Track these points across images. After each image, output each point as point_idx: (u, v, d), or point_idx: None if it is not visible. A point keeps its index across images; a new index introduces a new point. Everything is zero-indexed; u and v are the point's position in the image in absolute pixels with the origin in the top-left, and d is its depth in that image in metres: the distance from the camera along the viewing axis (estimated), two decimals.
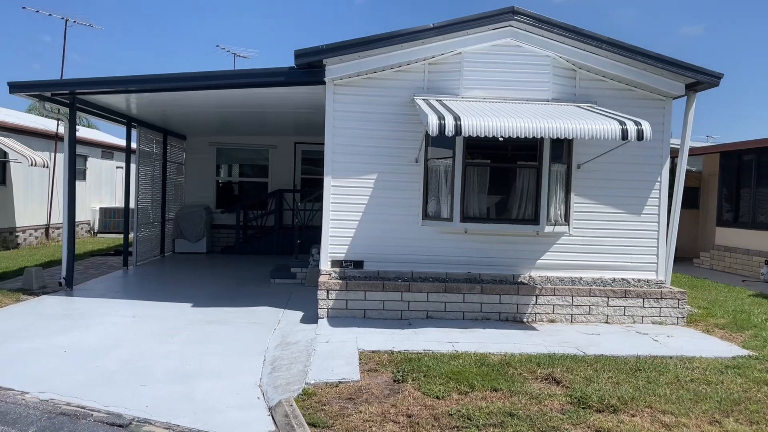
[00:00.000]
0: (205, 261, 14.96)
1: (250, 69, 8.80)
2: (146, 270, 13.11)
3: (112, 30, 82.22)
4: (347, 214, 8.83)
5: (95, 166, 22.09)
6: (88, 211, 21.47)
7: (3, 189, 16.24)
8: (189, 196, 17.64)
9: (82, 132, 22.17)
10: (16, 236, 16.84)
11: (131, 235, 13.77)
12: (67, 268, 10.30)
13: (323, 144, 8.85)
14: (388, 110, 8.82)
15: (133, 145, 14.04)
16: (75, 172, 10.41)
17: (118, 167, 24.30)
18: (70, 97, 10.08)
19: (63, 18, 19.11)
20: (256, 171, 18.18)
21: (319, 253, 10.96)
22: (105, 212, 21.72)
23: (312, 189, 17.61)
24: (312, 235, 16.62)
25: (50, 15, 19.57)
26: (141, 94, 10.34)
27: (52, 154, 18.51)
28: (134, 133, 13.78)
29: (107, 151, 23.12)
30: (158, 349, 6.87)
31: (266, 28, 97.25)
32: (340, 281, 8.24)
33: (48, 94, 9.76)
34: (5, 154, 16.01)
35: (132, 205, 13.76)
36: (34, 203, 17.80)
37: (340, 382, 5.51)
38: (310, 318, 8.44)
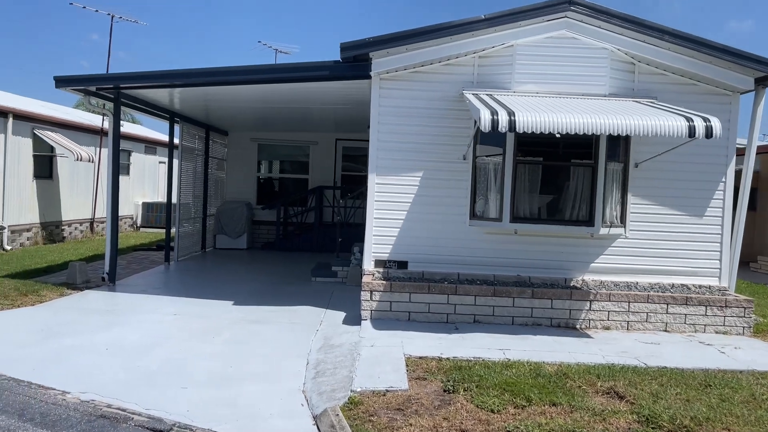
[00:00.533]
0: (246, 257, 14.89)
1: (294, 63, 8.62)
2: (187, 265, 13.07)
3: (156, 27, 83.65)
4: (391, 212, 8.55)
5: (139, 161, 22.31)
6: (131, 205, 21.70)
7: (50, 183, 16.47)
8: (230, 192, 17.62)
9: (126, 127, 22.44)
10: (62, 230, 17.08)
11: (173, 231, 13.74)
12: (110, 264, 10.28)
13: (364, 141, 8.60)
14: (435, 105, 8.51)
15: (176, 141, 14.02)
16: (119, 167, 10.38)
17: (160, 162, 24.53)
18: (114, 91, 10.05)
19: (109, 14, 19.31)
20: (297, 167, 18.06)
21: (361, 252, 10.75)
22: (148, 207, 21.94)
23: (352, 186, 17.45)
24: (353, 232, 16.44)
25: (97, 11, 19.82)
26: (184, 88, 10.26)
27: (98, 149, 18.73)
28: (177, 128, 13.77)
29: (150, 146, 23.35)
30: (200, 349, 6.72)
31: (307, 25, 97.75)
32: (384, 282, 7.97)
33: (93, 88, 9.73)
34: (52, 148, 16.22)
35: (174, 200, 13.74)
36: (80, 197, 18.03)
37: (387, 391, 5.23)
38: (353, 319, 8.21)
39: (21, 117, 14.90)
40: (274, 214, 17.20)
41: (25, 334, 7.13)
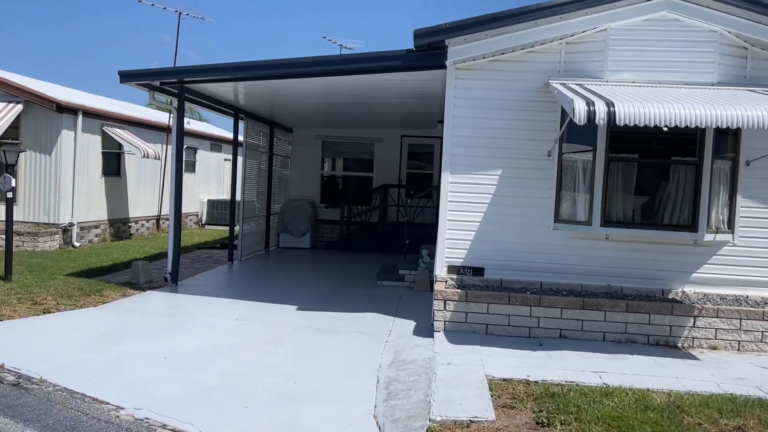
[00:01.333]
0: (309, 257, 14.48)
1: (363, 53, 8.08)
2: (251, 265, 12.75)
3: (222, 24, 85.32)
4: (467, 214, 7.86)
5: (204, 158, 22.36)
6: (196, 202, 21.76)
7: (118, 180, 16.54)
8: (294, 190, 17.30)
9: (192, 124, 22.53)
10: (129, 227, 17.15)
11: (236, 229, 13.45)
12: (172, 263, 10.00)
13: (431, 137, 8.01)
14: (515, 97, 7.77)
15: (240, 138, 13.75)
16: (182, 164, 10.10)
17: (225, 159, 24.57)
18: (179, 86, 9.76)
19: (176, 11, 19.32)
20: (361, 165, 17.55)
21: (429, 255, 10.11)
22: (213, 204, 21.96)
23: (419, 185, 16.81)
24: (419, 233, 15.80)
25: (165, 9, 19.89)
26: (248, 82, 9.86)
27: (164, 146, 18.77)
28: (242, 126, 13.48)
29: (216, 143, 23.39)
30: (261, 361, 6.23)
31: (371, 21, 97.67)
32: (460, 291, 7.29)
33: (156, 83, 9.46)
34: (120, 146, 16.28)
35: (238, 197, 13.45)
36: (146, 194, 18.10)
37: (471, 422, 4.57)
38: (424, 330, 7.58)
39: (90, 114, 14.97)
40: (337, 212, 16.77)
41: (85, 337, 6.83)
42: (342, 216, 16.14)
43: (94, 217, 15.39)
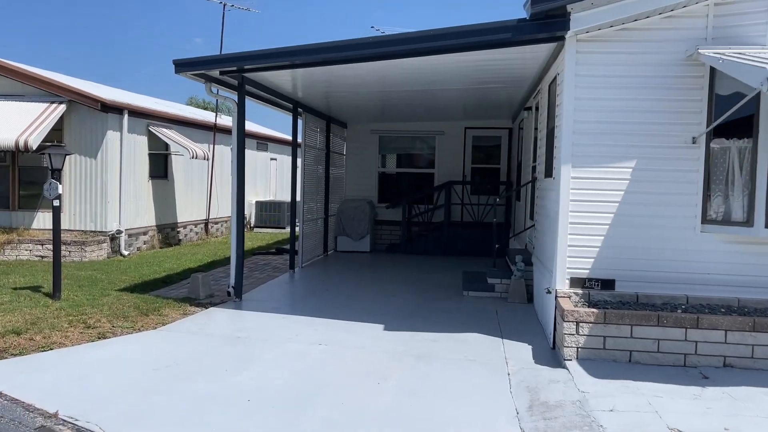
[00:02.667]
0: (373, 262, 13.30)
1: (460, 26, 6.71)
2: (313, 273, 11.61)
3: (267, 15, 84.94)
4: (592, 215, 6.55)
5: (250, 158, 21.34)
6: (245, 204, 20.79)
7: (165, 183, 15.60)
8: (350, 190, 16.15)
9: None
10: (178, 232, 16.22)
11: (287, 231, 12.33)
12: (236, 276, 8.90)
13: (497, 128, 6.77)
14: (649, 72, 6.42)
15: (293, 137, 12.63)
16: (244, 165, 8.99)
17: (272, 159, 23.61)
18: (238, 76, 8.64)
19: (221, 2, 18.32)
20: (421, 161, 16.30)
21: (523, 261, 8.83)
22: (261, 206, 20.95)
23: (484, 181, 15.51)
24: (489, 234, 14.49)
25: (208, 0, 18.91)
26: (308, 69, 8.57)
27: (210, 146, 17.81)
28: (299, 123, 12.37)
29: (262, 142, 22.41)
30: (365, 403, 5.04)
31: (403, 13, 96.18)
32: (596, 311, 5.97)
33: (216, 72, 8.36)
34: (167, 146, 15.33)
35: (298, 198, 12.33)
36: (194, 198, 17.15)
37: None
38: (546, 356, 6.32)
39: (136, 113, 14.03)
40: (396, 213, 15.57)
41: (150, 372, 5.73)
42: (404, 216, 14.93)
43: (141, 223, 14.47)
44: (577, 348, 5.97)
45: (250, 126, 22.87)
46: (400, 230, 15.64)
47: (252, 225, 21.07)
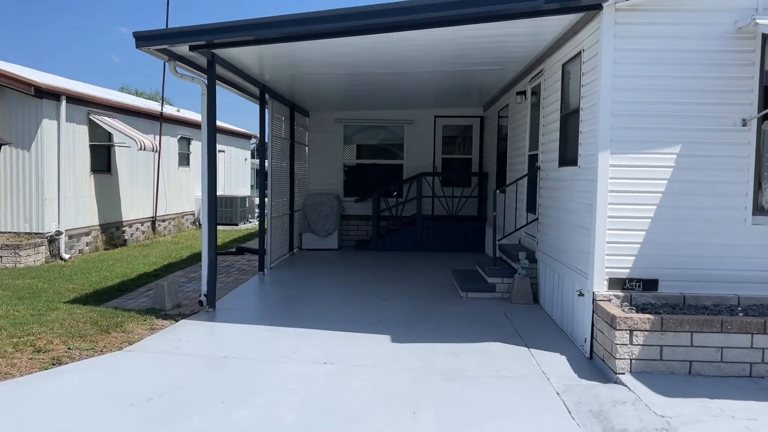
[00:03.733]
0: (346, 261, 12.31)
1: None
2: (285, 275, 10.54)
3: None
4: (632, 208, 5.82)
5: (198, 150, 19.90)
6: (191, 199, 19.37)
7: (109, 178, 14.10)
8: (313, 183, 15.08)
9: (183, 112, 20.09)
10: (123, 231, 14.73)
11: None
12: (208, 283, 7.77)
13: (469, 117, 5.91)
14: (695, 46, 5.73)
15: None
16: (215, 156, 7.84)
17: (219, 151, 22.15)
18: (208, 52, 7.49)
19: None
20: (389, 151, 15.40)
21: (527, 258, 8.09)
22: None
23: (454, 172, 14.76)
24: (465, 228, 13.78)
25: None
26: (279, 45, 7.44)
27: (157, 137, 16.34)
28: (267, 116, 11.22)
29: None
30: None
31: None
32: (652, 317, 5.23)
33: (184, 47, 7.18)
34: (110, 137, 13.84)
35: (258, 190, 11.19)
36: (140, 193, 15.66)
37: None
38: (587, 368, 5.59)
39: (75, 100, 12.52)
40: (365, 207, 14.65)
41: (125, 409, 4.61)
42: (375, 211, 14.00)
43: (83, 222, 12.97)
44: (631, 360, 5.22)
45: (195, 116, 21.37)
46: (370, 225, 14.73)
47: (201, 222, 19.63)
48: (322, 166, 15.06)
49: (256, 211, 22.66)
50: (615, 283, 5.86)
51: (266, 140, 10.86)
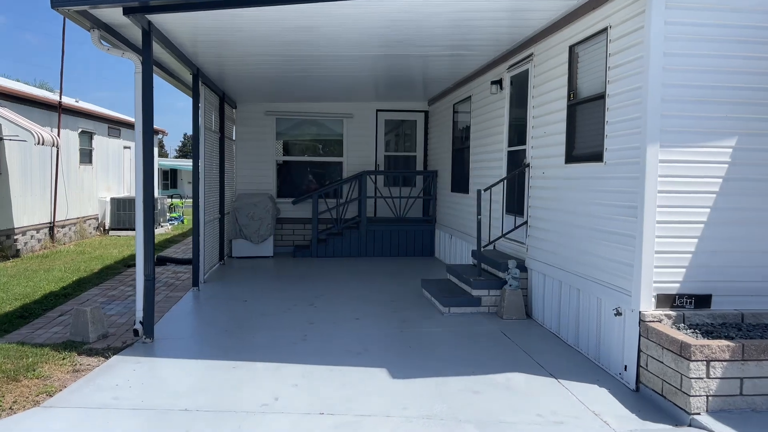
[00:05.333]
0: (288, 271, 10.90)
1: None
2: (225, 290, 9.02)
3: None
4: (684, 211, 4.95)
5: (101, 146, 17.70)
6: (95, 202, 17.14)
7: None
8: (242, 182, 13.53)
9: (82, 104, 17.79)
10: (15, 240, 12.51)
11: (197, 237, 9.59)
12: (146, 307, 6.22)
13: (414, 111, 5.17)
14: (759, 22, 4.93)
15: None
16: (152, 146, 6.29)
17: (125, 147, 19.91)
18: (143, 19, 5.95)
19: None
20: (327, 148, 14.11)
21: (517, 267, 7.15)
22: (118, 204, 17.36)
23: (398, 170, 13.71)
24: (414, 231, 12.74)
25: None
26: (216, 12, 6.05)
27: (54, 130, 14.15)
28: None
29: (114, 127, 18.72)
30: None
31: None
32: (731, 344, 4.34)
33: (116, 11, 5.62)
34: None
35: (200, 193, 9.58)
36: (35, 196, 13.44)
37: None
38: (643, 404, 4.68)
39: None
40: (302, 209, 13.30)
41: None
42: (315, 213, 12.66)
43: None
44: (707, 396, 4.31)
45: (96, 108, 19.07)
46: (307, 230, 13.39)
47: (107, 227, 17.44)
48: (252, 164, 13.54)
49: (168, 214, 20.63)
50: (663, 300, 4.96)
51: (199, 132, 9.26)
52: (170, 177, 47.49)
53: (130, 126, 19.87)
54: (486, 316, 7.40)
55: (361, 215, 12.68)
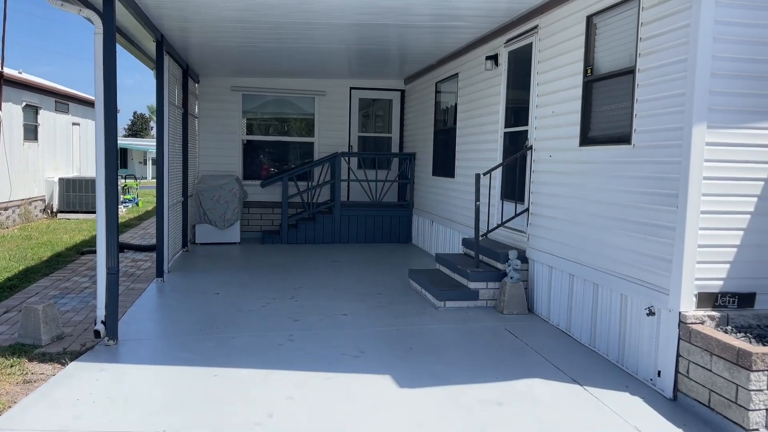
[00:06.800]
0: (258, 259, 10.12)
1: None
2: (192, 281, 8.21)
3: None
4: (730, 200, 4.44)
5: (48, 121, 16.39)
6: (41, 182, 15.89)
7: None
8: (205, 163, 12.60)
9: (26, 75, 16.43)
10: None
11: (162, 221, 8.71)
12: (108, 305, 5.39)
13: (388, 90, 4.70)
14: None
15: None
16: (115, 116, 5.42)
17: (74, 124, 18.58)
18: None
19: None
20: (297, 128, 13.28)
21: (518, 258, 6.62)
22: (66, 185, 16.12)
23: (373, 152, 13.02)
24: (390, 217, 12.10)
25: None
26: None
27: None
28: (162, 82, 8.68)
29: (62, 102, 17.40)
30: None
31: None
32: None
33: None
34: None
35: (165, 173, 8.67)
36: None
37: None
38: (684, 416, 4.18)
39: None
40: (271, 192, 12.51)
41: None
42: (285, 196, 11.86)
43: None
44: (767, 410, 3.82)
45: (42, 81, 17.70)
46: (276, 214, 12.60)
47: (55, 210, 16.21)
48: (216, 143, 12.62)
49: (122, 196, 19.44)
50: (705, 299, 4.46)
51: (164, 106, 8.34)
52: (120, 157, 45.58)
53: (79, 101, 18.56)
54: (485, 310, 6.84)
55: (335, 199, 11.94)
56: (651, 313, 4.72)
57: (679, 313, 4.41)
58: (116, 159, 5.38)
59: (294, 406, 4.21)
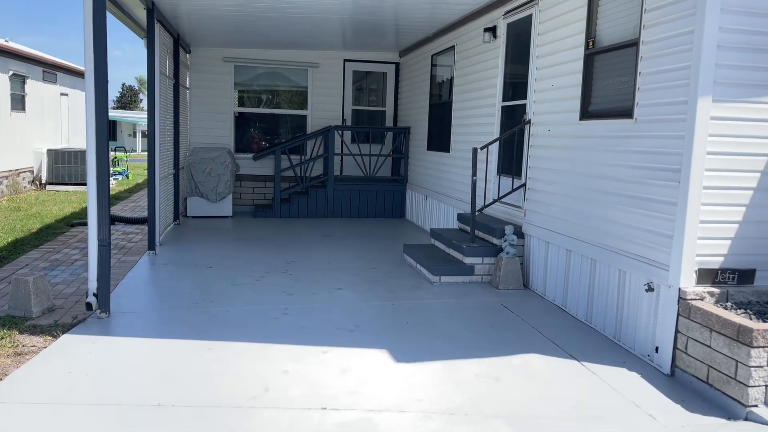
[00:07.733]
0: (251, 232, 10.04)
1: None
2: (184, 254, 8.12)
3: None
4: (733, 176, 4.39)
5: (36, 91, 16.09)
6: (29, 154, 15.65)
7: None
8: (196, 135, 12.42)
9: (12, 44, 16.08)
10: None
11: (153, 194, 8.58)
12: (100, 277, 5.31)
13: (382, 62, 4.85)
14: None
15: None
16: (107, 78, 5.29)
17: (62, 94, 18.27)
18: None
19: None
20: (290, 100, 13.10)
21: (514, 233, 6.58)
22: (55, 156, 15.88)
23: (367, 126, 12.89)
24: (384, 191, 12.02)
25: None
26: None
27: None
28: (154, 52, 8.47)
29: (49, 71, 17.07)
30: None
31: None
32: None
33: None
34: None
35: (156, 144, 8.52)
36: None
37: None
38: (683, 392, 4.18)
39: None
40: (263, 165, 12.37)
41: None
42: (278, 170, 11.73)
43: None
44: (767, 386, 3.82)
45: (29, 49, 17.35)
46: (269, 188, 12.49)
47: (44, 181, 16.00)
48: (208, 115, 12.43)
49: (112, 168, 19.18)
50: (705, 275, 4.43)
51: (155, 76, 8.16)
52: (110, 129, 45.07)
53: (68, 71, 18.23)
54: (480, 285, 6.80)
55: (328, 173, 11.83)
56: (650, 289, 4.69)
57: (679, 289, 4.38)
58: (106, 129, 5.27)
59: (290, 380, 4.17)
